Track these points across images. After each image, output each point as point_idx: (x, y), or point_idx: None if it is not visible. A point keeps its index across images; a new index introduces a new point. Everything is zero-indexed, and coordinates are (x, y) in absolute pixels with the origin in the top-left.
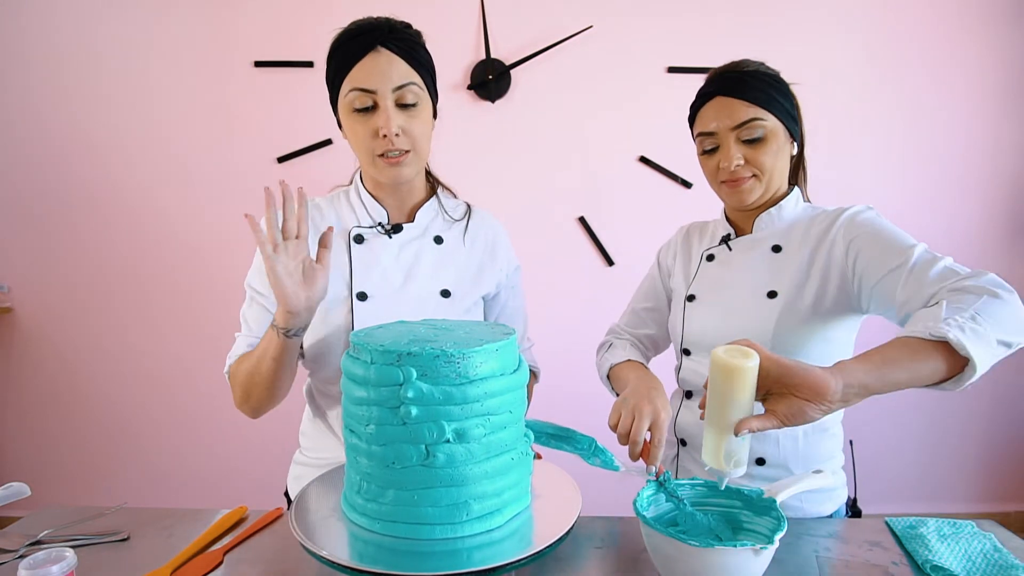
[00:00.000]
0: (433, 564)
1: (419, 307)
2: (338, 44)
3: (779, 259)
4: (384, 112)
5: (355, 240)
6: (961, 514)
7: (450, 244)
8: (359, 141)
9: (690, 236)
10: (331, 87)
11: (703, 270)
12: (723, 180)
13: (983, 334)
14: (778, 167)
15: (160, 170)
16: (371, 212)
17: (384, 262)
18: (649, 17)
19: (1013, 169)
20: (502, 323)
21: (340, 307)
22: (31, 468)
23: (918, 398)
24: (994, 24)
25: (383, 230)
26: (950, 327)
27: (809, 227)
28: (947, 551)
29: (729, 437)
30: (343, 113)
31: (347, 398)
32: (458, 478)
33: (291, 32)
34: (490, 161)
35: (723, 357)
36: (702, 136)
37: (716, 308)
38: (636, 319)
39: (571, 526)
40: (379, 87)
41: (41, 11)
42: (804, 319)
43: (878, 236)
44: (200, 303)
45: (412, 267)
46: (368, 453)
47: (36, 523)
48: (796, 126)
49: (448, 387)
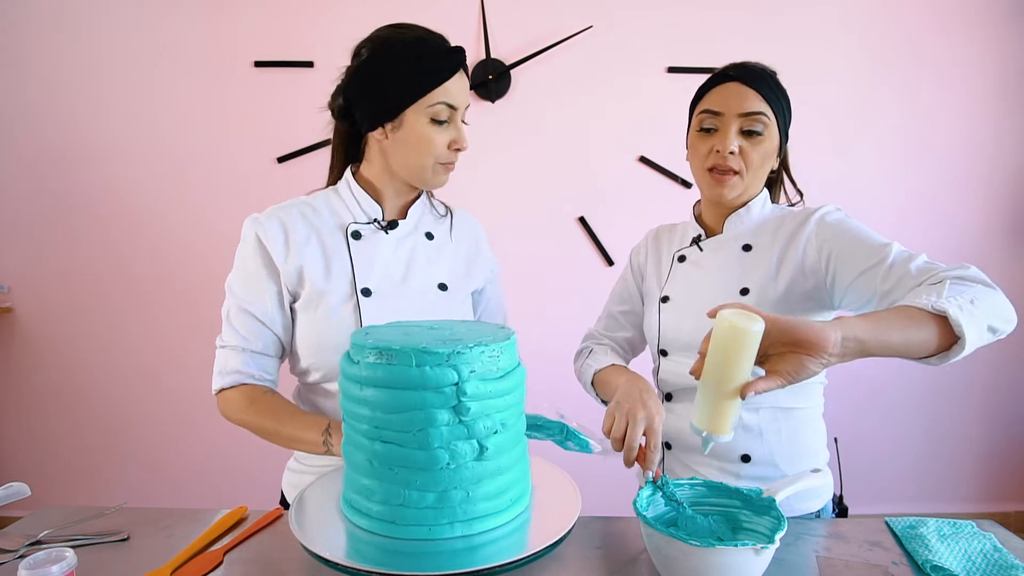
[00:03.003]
0: (433, 564)
1: (420, 301)
2: (431, 52)
3: (750, 257)
4: (458, 128)
5: (352, 236)
6: (961, 514)
7: (440, 240)
8: (430, 147)
9: (660, 238)
10: (407, 89)
11: (675, 271)
12: (711, 167)
13: (978, 317)
14: (761, 171)
15: (160, 170)
16: (365, 208)
17: (383, 258)
18: (649, 17)
19: (1013, 169)
20: (485, 320)
21: (346, 304)
22: (31, 468)
23: (918, 398)
24: (994, 24)
25: (380, 226)
26: (950, 304)
27: (779, 226)
28: (947, 551)
29: (730, 401)
30: (415, 117)
31: (364, 404)
32: (474, 476)
33: (291, 32)
34: (490, 161)
35: (731, 319)
36: (705, 114)
37: (690, 308)
38: (613, 323)
39: (571, 526)
40: (460, 106)
41: (41, 11)
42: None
43: (851, 235)
44: (200, 303)
45: (410, 262)
46: (391, 455)
47: (36, 523)
48: (786, 140)
49: (493, 382)
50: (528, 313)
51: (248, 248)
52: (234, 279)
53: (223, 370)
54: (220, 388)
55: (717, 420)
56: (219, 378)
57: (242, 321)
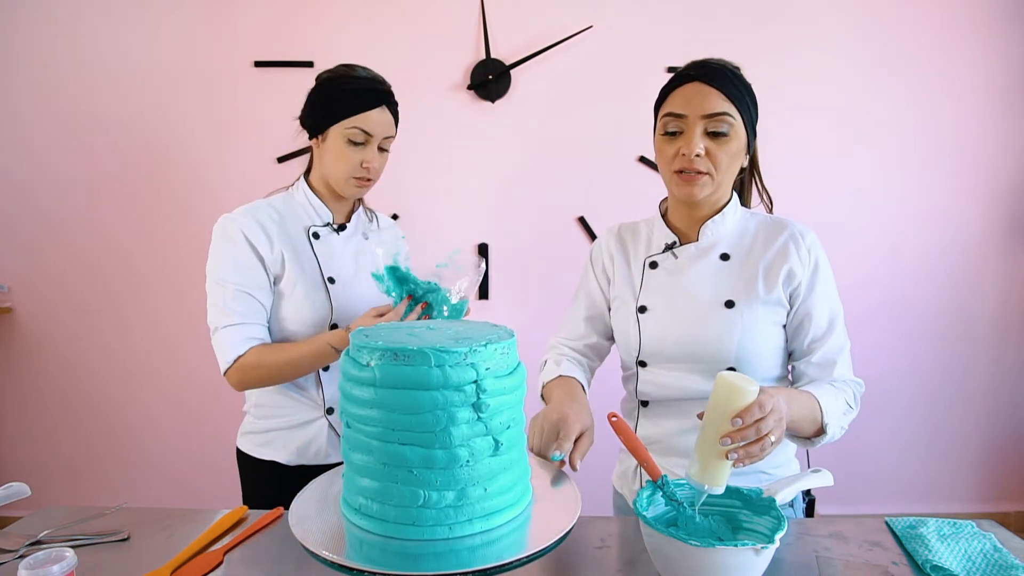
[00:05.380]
0: (433, 564)
1: (367, 288)
2: (359, 89)
3: (729, 267)
4: (372, 152)
5: (313, 236)
6: (961, 514)
7: (373, 239)
8: (344, 161)
9: (623, 239)
10: (333, 111)
11: (649, 279)
12: (677, 169)
13: (842, 429)
14: (731, 171)
15: (160, 169)
16: (319, 213)
17: (338, 253)
18: (649, 17)
19: (1014, 169)
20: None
21: (319, 291)
22: (31, 468)
23: (918, 398)
24: (995, 23)
25: (333, 229)
26: (832, 427)
27: (755, 235)
28: (947, 551)
29: (726, 459)
30: (336, 134)
31: (376, 406)
32: (484, 474)
33: (291, 32)
34: (490, 161)
35: (731, 379)
36: (669, 117)
37: (672, 319)
38: (576, 330)
39: (571, 526)
40: (376, 135)
41: (41, 11)
42: (762, 327)
43: (825, 292)
44: (200, 303)
45: (357, 256)
46: (409, 457)
47: (36, 523)
48: (754, 137)
49: (505, 378)
50: (528, 313)
51: (235, 242)
52: (225, 270)
53: (233, 342)
54: (235, 357)
55: (713, 474)
56: (231, 350)
57: (242, 301)
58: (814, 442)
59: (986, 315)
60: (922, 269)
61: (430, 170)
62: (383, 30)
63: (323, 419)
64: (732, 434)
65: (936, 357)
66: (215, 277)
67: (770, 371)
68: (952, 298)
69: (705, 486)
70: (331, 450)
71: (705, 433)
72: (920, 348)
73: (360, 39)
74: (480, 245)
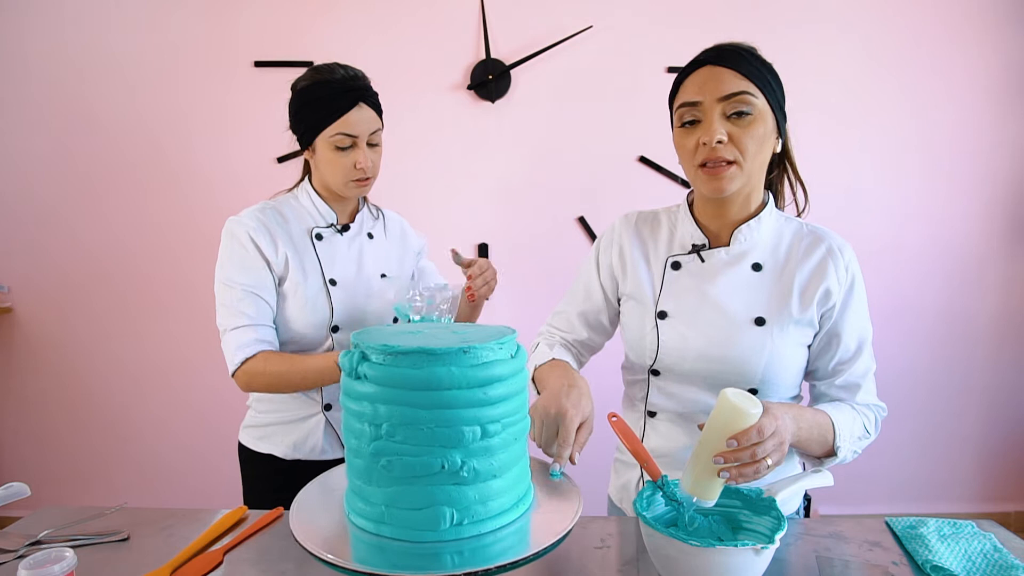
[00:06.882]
0: (433, 564)
1: (369, 288)
2: (330, 93)
3: (761, 279)
4: (362, 152)
5: (316, 238)
6: (961, 514)
7: (377, 238)
8: (337, 169)
9: (640, 231)
10: (312, 125)
11: (671, 281)
12: (701, 162)
13: (855, 453)
14: (760, 158)
15: (160, 169)
16: (323, 214)
17: (341, 254)
18: (649, 17)
19: (1014, 170)
20: (427, 283)
21: (321, 293)
22: (31, 468)
23: (918, 398)
24: (995, 23)
25: (337, 230)
26: (844, 451)
27: (791, 246)
28: (947, 551)
29: (720, 478)
30: (323, 145)
31: (381, 408)
32: (489, 472)
33: (291, 32)
34: (490, 161)
35: (733, 400)
36: (684, 107)
37: (695, 331)
38: (568, 324)
39: (571, 526)
40: (360, 134)
41: (42, 10)
42: (791, 349)
43: (857, 313)
44: (200, 303)
45: (360, 257)
46: (418, 458)
47: (36, 523)
48: (784, 120)
49: (511, 378)
50: (528, 313)
51: (242, 244)
52: (233, 271)
53: (241, 345)
54: (243, 360)
55: (704, 488)
56: (239, 352)
57: (250, 302)
58: (824, 463)
59: (986, 315)
60: (922, 269)
61: (430, 170)
62: (383, 30)
63: (320, 415)
64: (726, 454)
65: (936, 357)
66: (223, 278)
67: (788, 391)
68: (952, 298)
69: (695, 498)
70: (328, 446)
71: (701, 447)
72: (920, 348)
73: (360, 39)
74: (480, 245)
